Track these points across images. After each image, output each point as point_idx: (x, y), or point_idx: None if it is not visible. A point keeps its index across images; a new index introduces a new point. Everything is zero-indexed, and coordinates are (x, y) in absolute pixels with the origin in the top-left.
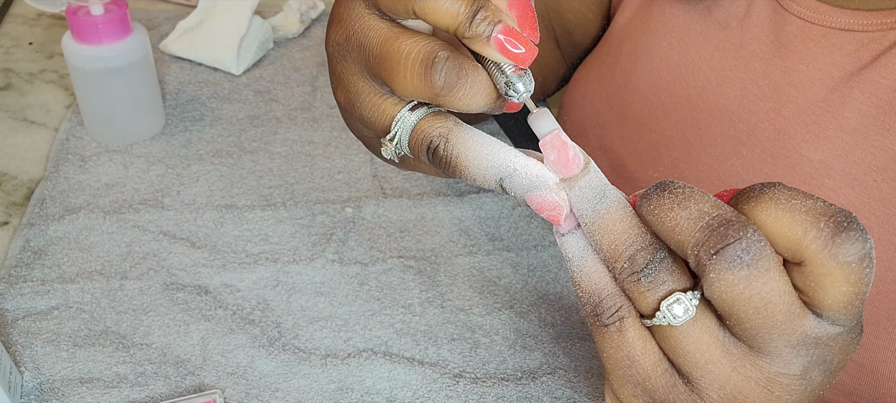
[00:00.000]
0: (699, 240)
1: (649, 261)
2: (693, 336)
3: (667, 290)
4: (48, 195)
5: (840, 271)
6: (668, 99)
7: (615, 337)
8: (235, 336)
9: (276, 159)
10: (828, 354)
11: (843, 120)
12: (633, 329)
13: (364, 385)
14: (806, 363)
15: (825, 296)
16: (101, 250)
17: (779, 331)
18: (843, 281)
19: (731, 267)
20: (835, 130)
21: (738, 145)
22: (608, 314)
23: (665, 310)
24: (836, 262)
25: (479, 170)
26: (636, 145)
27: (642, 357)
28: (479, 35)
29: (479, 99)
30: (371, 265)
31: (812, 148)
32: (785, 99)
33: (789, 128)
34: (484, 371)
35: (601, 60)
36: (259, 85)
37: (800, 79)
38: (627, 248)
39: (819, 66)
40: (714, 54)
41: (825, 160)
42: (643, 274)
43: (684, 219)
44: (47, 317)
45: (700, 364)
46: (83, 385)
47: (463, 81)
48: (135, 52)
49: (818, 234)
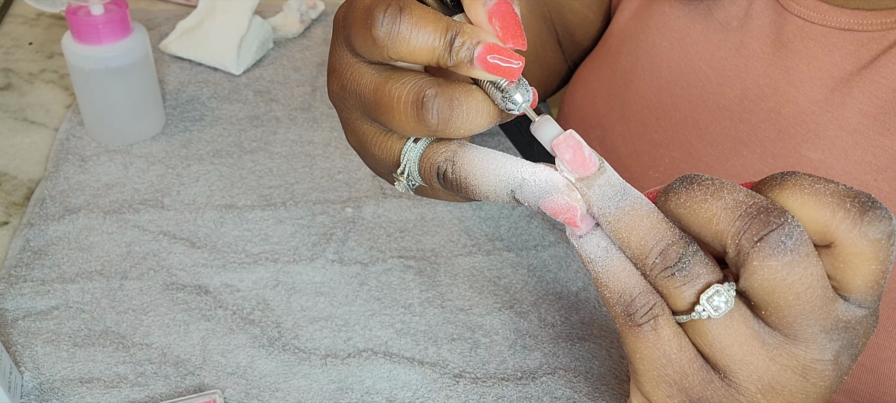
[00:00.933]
0: (740, 229)
1: (682, 255)
2: (731, 329)
3: (704, 283)
4: (48, 195)
5: (870, 249)
6: (669, 99)
7: (650, 337)
8: (235, 336)
9: (276, 159)
10: (855, 337)
11: (844, 119)
12: (669, 326)
13: (364, 385)
14: (838, 348)
15: (855, 277)
16: (101, 250)
17: (816, 317)
18: (873, 259)
19: (774, 253)
20: (835, 130)
21: (738, 145)
22: (642, 313)
23: (705, 303)
24: (866, 240)
25: (490, 186)
26: (637, 145)
27: (679, 355)
28: (461, 62)
29: (478, 120)
30: (371, 265)
31: (812, 147)
32: (785, 99)
33: (790, 128)
34: (484, 371)
35: (601, 60)
36: (259, 85)
37: (800, 78)
38: (658, 243)
39: (819, 66)
40: (714, 54)
41: (825, 160)
42: (678, 269)
43: (721, 209)
44: (47, 317)
45: (738, 356)
46: (83, 385)
47: (458, 111)
48: (135, 52)
49: (846, 215)
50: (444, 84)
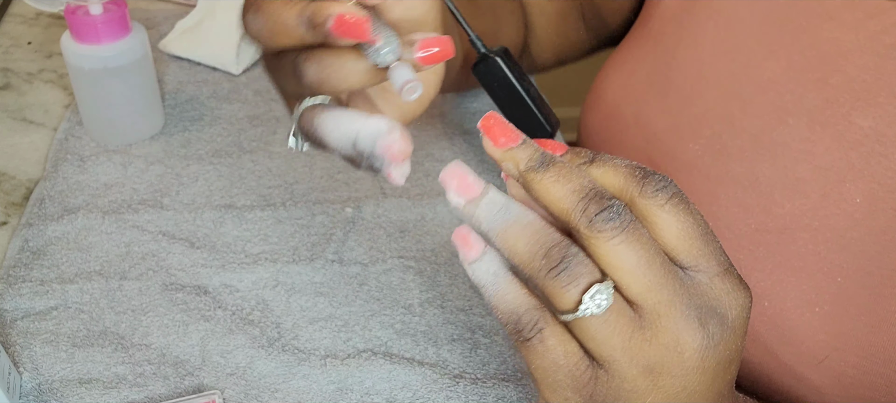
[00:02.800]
0: (581, 209)
1: (564, 255)
2: (610, 321)
3: (586, 282)
4: (47, 195)
5: (663, 213)
6: (712, 74)
7: (538, 348)
8: (235, 336)
9: (275, 159)
10: (713, 302)
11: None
12: (553, 336)
13: (364, 385)
14: (698, 315)
15: (668, 239)
16: (100, 250)
17: (664, 287)
18: (673, 221)
19: (608, 227)
20: (888, 96)
21: (784, 114)
22: (529, 328)
23: (589, 302)
24: (654, 203)
25: (337, 140)
26: (677, 119)
27: (566, 359)
28: (325, 37)
29: (353, 77)
30: (371, 265)
31: (862, 115)
32: (833, 68)
33: (838, 97)
34: (484, 372)
35: (639, 43)
36: (259, 84)
37: (848, 48)
38: (542, 247)
39: (868, 35)
40: (759, 29)
41: (876, 127)
42: (562, 269)
43: (568, 192)
44: (46, 318)
45: (618, 346)
46: (82, 386)
47: (329, 70)
48: (134, 51)
49: (634, 180)
50: (315, 50)
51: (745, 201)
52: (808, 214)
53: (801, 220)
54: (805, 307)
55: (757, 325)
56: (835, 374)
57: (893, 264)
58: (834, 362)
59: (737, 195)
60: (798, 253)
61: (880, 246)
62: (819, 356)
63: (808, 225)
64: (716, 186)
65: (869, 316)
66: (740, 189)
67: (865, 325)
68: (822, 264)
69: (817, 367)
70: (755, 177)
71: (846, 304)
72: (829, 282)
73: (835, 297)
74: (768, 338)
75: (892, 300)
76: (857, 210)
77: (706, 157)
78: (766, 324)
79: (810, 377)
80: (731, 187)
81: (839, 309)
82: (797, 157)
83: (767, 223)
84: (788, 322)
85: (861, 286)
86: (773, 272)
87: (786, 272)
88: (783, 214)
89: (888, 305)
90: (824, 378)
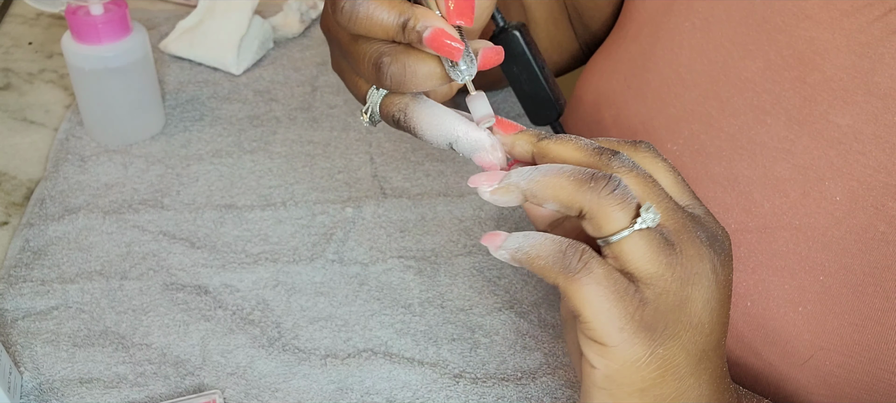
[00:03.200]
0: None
1: (610, 178)
2: (655, 239)
3: (637, 200)
4: (48, 195)
5: (655, 166)
6: (689, 74)
7: (586, 280)
8: (235, 336)
9: (276, 159)
10: (710, 228)
11: (873, 85)
12: (599, 264)
13: (364, 385)
14: (706, 236)
15: (658, 181)
16: (101, 250)
17: (679, 213)
18: (665, 170)
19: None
20: (864, 95)
21: (761, 114)
22: (577, 259)
23: (645, 214)
24: (648, 158)
25: (433, 136)
26: (655, 121)
27: (615, 284)
28: (413, 41)
29: (428, 83)
30: (371, 265)
31: (840, 113)
32: (810, 67)
33: (816, 96)
34: (484, 371)
35: (618, 44)
36: (259, 85)
37: (825, 47)
38: (585, 175)
39: (845, 34)
40: (736, 29)
41: (854, 125)
42: (614, 187)
43: (582, 146)
44: (47, 318)
45: (663, 261)
46: (83, 386)
47: (411, 74)
48: (134, 51)
49: (629, 146)
50: (399, 50)
51: (724, 200)
52: (789, 213)
53: (782, 219)
54: (789, 306)
55: (741, 325)
56: (820, 374)
57: (875, 262)
58: (819, 361)
59: (716, 195)
60: (779, 252)
61: (862, 243)
62: (804, 355)
63: (788, 223)
64: (695, 186)
65: (853, 315)
66: (720, 188)
67: (849, 324)
68: (804, 263)
69: (802, 367)
70: (734, 177)
71: (830, 303)
72: (812, 281)
73: (818, 296)
74: (753, 339)
75: (875, 298)
76: (838, 208)
77: (685, 157)
78: (750, 324)
79: (796, 376)
80: (711, 187)
81: (823, 308)
82: (776, 156)
83: (748, 222)
84: (772, 321)
85: (844, 284)
86: (756, 271)
87: (768, 271)
88: (763, 213)
89: (871, 303)
90: (810, 377)
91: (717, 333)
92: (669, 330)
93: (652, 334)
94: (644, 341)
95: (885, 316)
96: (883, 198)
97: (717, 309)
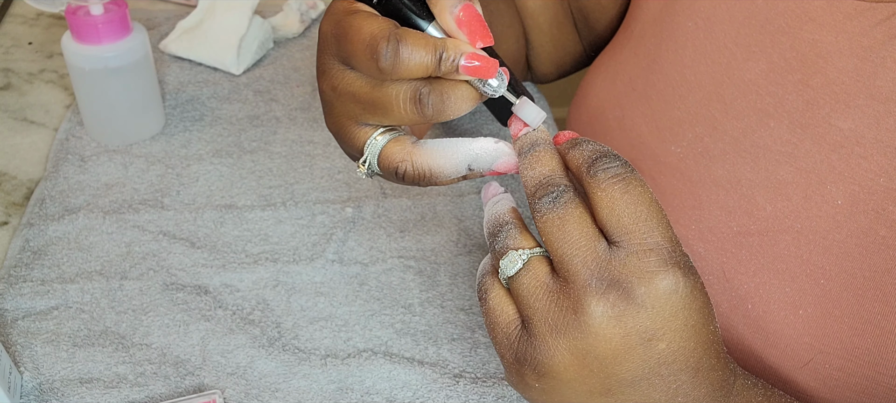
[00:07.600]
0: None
1: (506, 224)
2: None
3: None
4: (48, 195)
5: (598, 192)
6: (693, 76)
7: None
8: (235, 336)
9: (276, 159)
10: (617, 275)
11: (875, 89)
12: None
13: (364, 385)
14: (600, 286)
15: (595, 211)
16: (101, 250)
17: (578, 259)
18: (605, 200)
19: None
20: (866, 99)
21: (765, 117)
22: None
23: (502, 264)
24: (595, 183)
25: (448, 170)
26: (659, 123)
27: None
28: (450, 72)
29: (465, 106)
30: (371, 265)
31: (842, 117)
32: (813, 70)
33: (818, 99)
34: (484, 371)
35: (622, 47)
36: (259, 85)
37: (828, 50)
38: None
39: (848, 37)
40: (740, 31)
41: (856, 128)
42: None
43: (532, 178)
44: (47, 317)
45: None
46: (83, 386)
47: (449, 101)
48: (134, 51)
49: (585, 165)
50: (434, 82)
51: (727, 203)
52: (790, 216)
53: (784, 222)
54: (789, 309)
55: (741, 328)
56: (820, 376)
57: (875, 266)
58: (819, 364)
59: (719, 197)
60: (781, 255)
61: (862, 247)
62: (804, 358)
63: (790, 227)
64: (698, 189)
65: (853, 318)
66: (722, 191)
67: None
68: (804, 266)
69: (802, 369)
70: (737, 180)
71: (830, 306)
72: (812, 284)
73: (818, 299)
74: (753, 341)
75: (875, 302)
76: (839, 212)
77: (688, 160)
78: (750, 327)
79: (796, 379)
80: (714, 189)
81: (823, 311)
82: (778, 159)
83: (749, 225)
84: (773, 324)
85: (844, 288)
86: (757, 274)
87: (769, 274)
88: (765, 216)
89: (871, 307)
90: (810, 380)
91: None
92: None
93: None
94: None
95: (885, 320)
96: (884, 202)
97: (610, 362)
